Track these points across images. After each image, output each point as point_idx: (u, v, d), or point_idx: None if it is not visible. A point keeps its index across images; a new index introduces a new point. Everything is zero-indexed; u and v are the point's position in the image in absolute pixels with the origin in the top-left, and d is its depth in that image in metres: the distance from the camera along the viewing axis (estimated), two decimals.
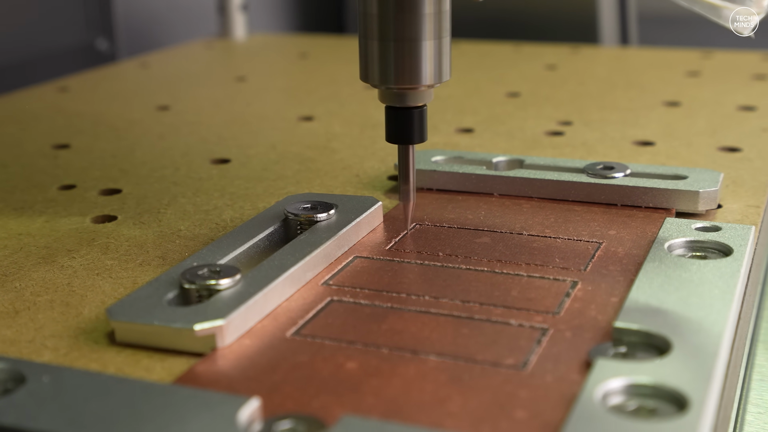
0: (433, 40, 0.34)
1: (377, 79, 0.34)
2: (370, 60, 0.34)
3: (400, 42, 0.33)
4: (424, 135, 0.36)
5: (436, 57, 0.34)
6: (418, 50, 0.34)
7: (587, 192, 0.40)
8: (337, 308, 0.31)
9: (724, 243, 0.33)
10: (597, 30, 1.04)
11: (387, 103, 0.35)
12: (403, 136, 0.36)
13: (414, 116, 0.35)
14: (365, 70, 0.35)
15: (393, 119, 0.35)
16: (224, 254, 0.33)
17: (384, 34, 0.33)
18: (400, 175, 0.37)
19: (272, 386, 0.26)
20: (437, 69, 0.34)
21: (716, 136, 0.51)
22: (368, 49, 0.34)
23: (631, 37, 1.12)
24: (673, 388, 0.24)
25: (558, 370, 0.26)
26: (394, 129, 0.36)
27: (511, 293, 0.31)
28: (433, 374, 0.26)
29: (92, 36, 0.83)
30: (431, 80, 0.34)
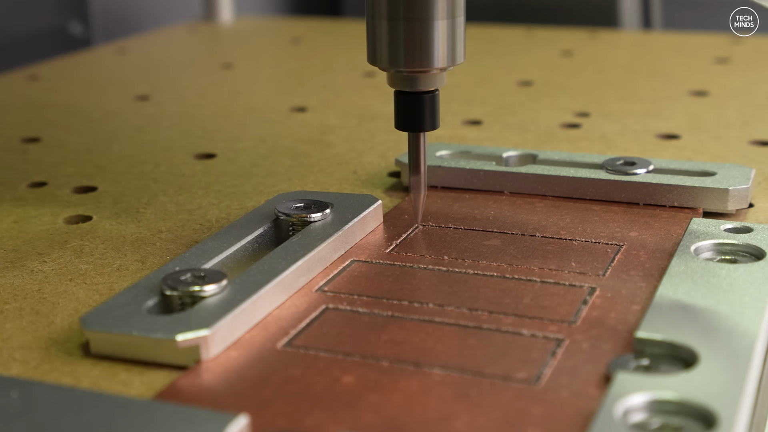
0: (445, 20, 0.34)
1: (386, 61, 0.34)
2: (379, 41, 0.34)
3: (410, 22, 0.33)
4: (436, 122, 0.36)
5: (449, 38, 0.34)
6: (430, 30, 0.34)
7: (606, 190, 0.40)
8: (333, 317, 0.31)
9: (757, 246, 0.33)
10: (617, 12, 1.04)
11: (396, 87, 0.35)
12: (413, 123, 0.36)
13: (425, 102, 0.35)
14: (373, 52, 0.35)
15: (403, 105, 0.36)
16: (209, 258, 0.33)
17: (393, 13, 0.34)
18: (411, 164, 0.37)
19: (262, 402, 0.26)
20: (450, 51, 0.34)
21: (747, 129, 0.51)
22: (376, 29, 0.34)
23: (655, 20, 1.12)
24: (700, 404, 0.24)
25: (574, 385, 0.26)
26: (404, 115, 0.36)
27: (523, 300, 0.31)
28: (437, 389, 0.26)
29: (65, 19, 0.83)
30: (444, 63, 0.34)
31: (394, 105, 0.36)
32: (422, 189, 0.37)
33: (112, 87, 0.65)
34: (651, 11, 1.14)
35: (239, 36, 0.86)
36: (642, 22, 1.13)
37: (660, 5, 1.14)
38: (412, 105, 0.35)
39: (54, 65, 0.72)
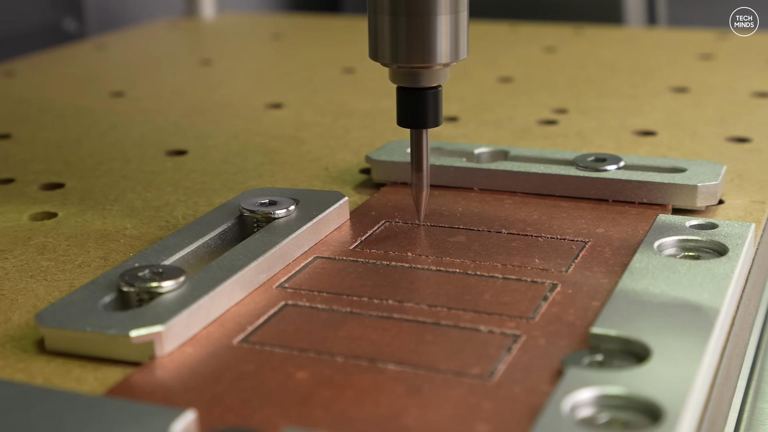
0: (448, 15, 0.34)
1: (388, 57, 0.35)
2: (381, 36, 0.34)
3: (412, 16, 0.34)
4: (439, 118, 0.36)
5: (452, 33, 0.34)
6: (433, 25, 0.34)
7: (576, 186, 0.41)
8: (292, 313, 0.31)
9: (720, 242, 0.34)
10: (622, 9, 1.04)
11: (398, 83, 0.36)
12: (416, 119, 0.36)
13: (428, 98, 0.35)
14: (375, 47, 0.35)
15: (405, 101, 0.36)
16: (170, 254, 0.34)
17: (395, 7, 0.34)
18: (413, 162, 0.37)
19: (213, 398, 0.26)
20: (453, 46, 0.34)
21: (725, 125, 0.52)
22: (378, 24, 0.34)
23: (660, 16, 1.12)
24: (648, 398, 0.24)
25: (527, 381, 0.27)
26: (406, 112, 0.36)
27: (483, 297, 0.32)
28: (390, 385, 0.27)
29: (59, 15, 0.83)
30: (447, 58, 0.34)
31: (397, 101, 0.36)
32: (424, 187, 0.37)
33: (89, 83, 0.66)
34: (656, 8, 1.14)
35: (220, 32, 0.86)
36: (647, 19, 1.13)
37: (665, 2, 1.15)
38: (414, 101, 0.35)
39: (31, 61, 0.72)
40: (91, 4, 0.87)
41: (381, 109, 0.57)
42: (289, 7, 1.14)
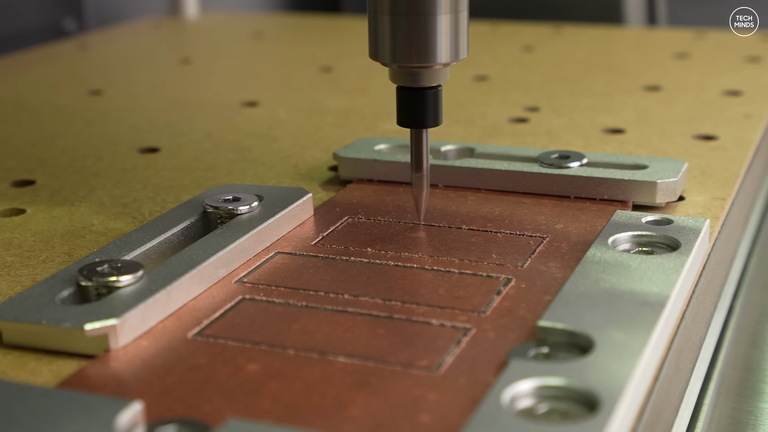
0: (448, 14, 0.34)
1: (388, 56, 0.35)
2: (381, 36, 0.35)
3: (412, 16, 0.34)
4: (439, 118, 0.36)
5: (452, 32, 0.34)
6: (433, 25, 0.34)
7: (538, 183, 0.41)
8: (248, 307, 0.31)
9: (673, 237, 0.34)
10: (622, 9, 1.05)
11: (398, 83, 0.35)
12: (416, 119, 0.36)
13: (428, 97, 0.35)
14: (375, 46, 0.35)
15: (405, 101, 0.36)
16: (131, 249, 0.34)
17: (395, 7, 0.34)
18: (412, 162, 0.37)
19: (163, 389, 0.27)
20: (453, 46, 0.34)
21: (693, 123, 0.52)
22: (378, 23, 0.34)
23: (660, 16, 1.13)
24: (585, 389, 0.24)
25: (473, 372, 0.27)
26: (406, 111, 0.36)
27: (438, 291, 0.32)
28: (338, 377, 0.27)
29: (59, 15, 0.83)
30: (447, 58, 0.34)
31: (397, 101, 0.36)
32: (424, 187, 0.37)
33: (67, 82, 0.66)
34: (656, 8, 1.15)
35: (203, 31, 0.87)
36: (647, 19, 1.14)
37: (665, 2, 1.15)
38: (414, 101, 0.35)
39: (11, 60, 0.73)
40: (90, 4, 0.88)
41: (355, 107, 0.57)
42: (289, 7, 1.14)
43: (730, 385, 0.41)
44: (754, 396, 0.39)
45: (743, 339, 0.44)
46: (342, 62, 0.71)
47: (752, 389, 0.40)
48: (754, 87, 0.60)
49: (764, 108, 0.55)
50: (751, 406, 0.38)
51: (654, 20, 1.15)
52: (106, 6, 0.91)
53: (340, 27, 0.89)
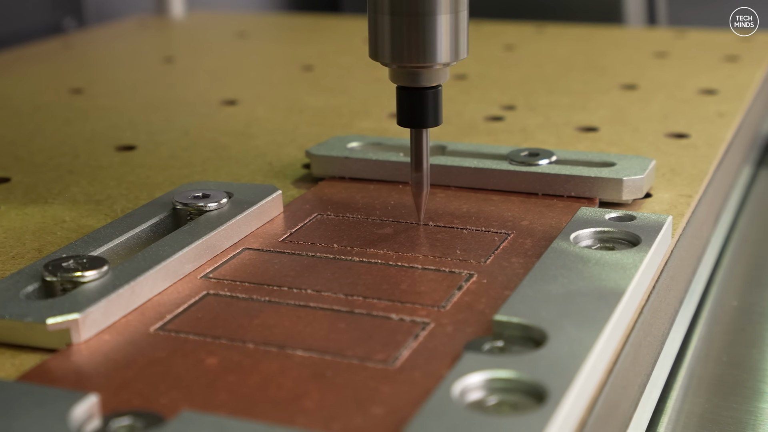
0: (449, 14, 0.34)
1: (388, 56, 0.35)
2: (381, 36, 0.35)
3: (413, 16, 0.34)
4: (439, 118, 0.36)
5: (452, 33, 0.34)
6: (433, 25, 0.34)
7: (507, 180, 0.41)
8: (212, 302, 0.32)
9: (634, 233, 0.34)
10: (622, 9, 1.05)
11: (399, 83, 0.35)
12: (416, 119, 0.36)
13: (428, 97, 0.35)
14: (375, 47, 0.35)
15: (406, 101, 0.36)
16: (99, 245, 0.34)
17: (395, 7, 0.34)
18: (412, 162, 0.37)
19: (122, 383, 0.27)
20: (453, 46, 0.34)
21: (666, 122, 0.53)
22: (378, 24, 0.35)
23: (660, 17, 1.13)
24: (534, 381, 0.25)
25: (429, 366, 0.27)
26: (406, 111, 0.36)
27: (400, 287, 0.33)
28: (296, 370, 0.27)
29: (59, 15, 0.84)
30: (447, 58, 0.34)
31: (397, 101, 0.36)
32: (424, 187, 0.37)
33: (50, 81, 0.66)
34: (656, 8, 1.15)
35: (187, 30, 0.87)
36: (647, 19, 1.14)
37: (665, 2, 1.15)
38: (414, 101, 0.35)
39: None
40: (90, 4, 0.88)
41: (333, 105, 0.58)
42: (289, 6, 1.14)
43: (703, 381, 0.41)
44: (754, 396, 0.39)
45: (742, 339, 0.44)
46: (323, 61, 0.71)
47: (752, 389, 0.40)
48: (730, 86, 0.60)
49: (738, 106, 0.55)
50: (751, 406, 0.39)
51: (654, 20, 1.15)
52: (106, 6, 0.92)
53: (325, 26, 0.89)
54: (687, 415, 0.39)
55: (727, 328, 0.46)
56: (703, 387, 0.41)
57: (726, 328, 0.46)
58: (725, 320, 0.47)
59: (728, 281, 0.51)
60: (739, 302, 0.48)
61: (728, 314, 0.48)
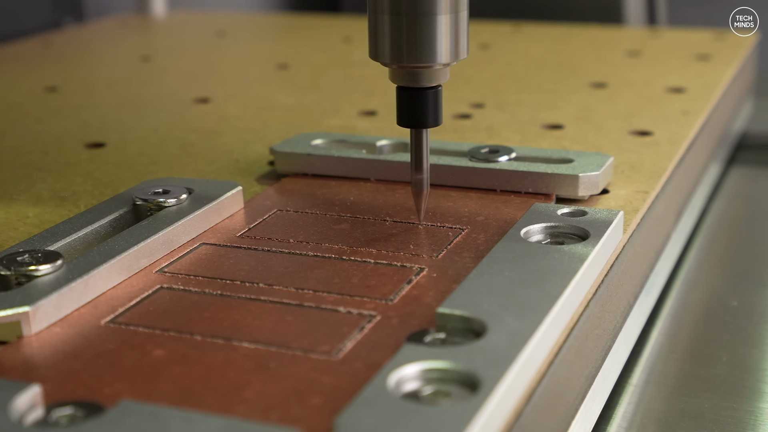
0: (449, 14, 0.34)
1: (388, 56, 0.35)
2: (381, 36, 0.35)
3: (413, 16, 0.34)
4: (439, 118, 0.36)
5: (453, 33, 0.34)
6: (433, 25, 0.34)
7: (466, 177, 0.42)
8: (164, 296, 0.32)
9: (583, 228, 0.35)
10: (622, 9, 1.05)
11: (399, 83, 0.35)
12: (416, 119, 0.36)
13: (428, 97, 0.35)
14: (375, 47, 0.35)
15: (406, 101, 0.36)
16: (57, 240, 0.35)
17: (395, 7, 0.34)
18: (412, 162, 0.37)
19: (68, 374, 0.27)
20: (453, 46, 0.35)
21: (631, 120, 0.53)
22: (378, 23, 0.35)
23: (660, 16, 1.13)
24: (467, 371, 0.25)
25: (371, 357, 0.28)
26: (406, 111, 0.36)
27: (351, 281, 0.33)
28: (240, 361, 0.28)
29: (59, 15, 0.84)
30: (447, 58, 0.35)
31: (397, 101, 0.36)
32: (424, 187, 0.37)
33: (25, 79, 0.67)
34: (656, 8, 1.15)
35: (167, 29, 0.87)
36: (647, 19, 1.14)
37: (665, 2, 1.15)
38: (415, 101, 0.35)
39: None
40: (91, 4, 0.88)
41: (304, 103, 0.58)
42: (290, 6, 1.15)
43: (666, 376, 0.42)
44: (754, 396, 0.40)
45: (741, 339, 0.45)
46: (299, 60, 0.72)
47: (752, 389, 0.40)
48: (697, 84, 0.61)
49: (704, 104, 0.56)
50: (751, 406, 0.39)
51: (654, 20, 1.15)
52: (106, 5, 0.92)
53: (304, 26, 0.89)
54: (646, 410, 0.40)
55: (692, 324, 0.47)
56: (666, 382, 0.41)
57: (691, 325, 0.47)
58: (690, 316, 0.48)
59: (694, 278, 0.51)
60: (739, 302, 0.48)
61: (693, 310, 0.48)
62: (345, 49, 0.77)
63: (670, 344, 0.45)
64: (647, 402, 0.40)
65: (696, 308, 0.48)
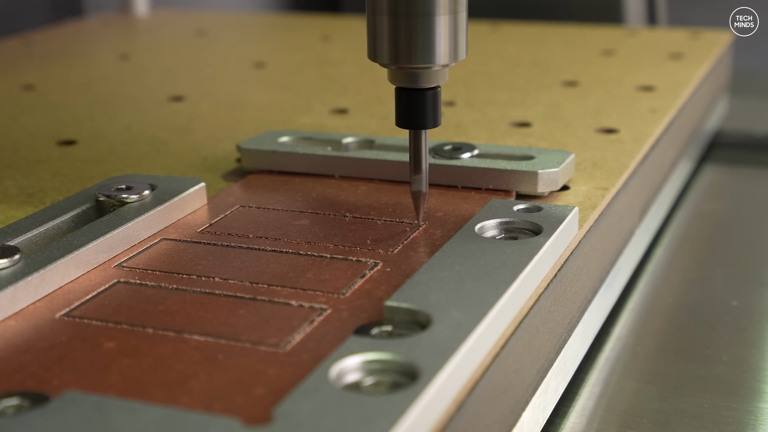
0: (447, 15, 0.34)
1: (386, 57, 0.35)
2: (379, 37, 0.34)
3: (412, 17, 0.34)
4: (438, 119, 0.36)
5: (451, 33, 0.34)
6: (432, 26, 0.34)
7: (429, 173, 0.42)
8: (120, 290, 0.33)
9: (537, 223, 0.35)
10: (622, 9, 1.05)
11: (398, 84, 0.35)
12: (415, 120, 0.36)
13: (427, 98, 0.35)
14: (373, 48, 0.35)
15: (404, 102, 0.36)
16: (17, 235, 0.35)
17: (394, 7, 0.34)
18: (411, 163, 0.37)
19: (19, 366, 0.28)
20: (452, 47, 0.35)
21: (599, 117, 0.53)
22: (377, 24, 0.34)
23: (660, 16, 1.14)
24: (407, 362, 0.26)
25: (318, 350, 0.28)
26: (405, 112, 0.36)
27: (305, 275, 0.33)
28: (188, 353, 0.28)
29: (59, 15, 0.85)
30: (446, 59, 0.35)
31: (395, 102, 0.36)
32: (423, 188, 0.37)
33: (1, 77, 0.67)
34: (656, 8, 1.16)
35: (148, 29, 0.88)
36: (647, 19, 1.15)
37: (665, 2, 1.16)
38: (413, 102, 0.35)
39: None
40: (91, 4, 0.89)
41: (277, 101, 0.59)
42: (289, 6, 1.15)
43: (630, 371, 0.42)
44: (754, 396, 0.40)
45: (742, 339, 0.45)
46: (276, 58, 0.72)
47: (752, 389, 0.40)
48: (668, 83, 0.61)
49: (672, 102, 0.56)
50: (751, 406, 0.39)
51: (654, 20, 1.15)
52: (106, 5, 0.92)
53: (285, 25, 0.90)
54: (608, 403, 0.40)
55: (661, 320, 0.47)
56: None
57: (659, 321, 0.47)
58: (658, 312, 0.48)
59: (663, 274, 0.52)
60: (739, 302, 0.49)
61: (661, 307, 0.49)
62: (322, 47, 0.77)
63: (637, 339, 0.45)
64: (609, 396, 0.40)
65: (663, 304, 0.49)
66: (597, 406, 0.39)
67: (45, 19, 0.84)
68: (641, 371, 0.42)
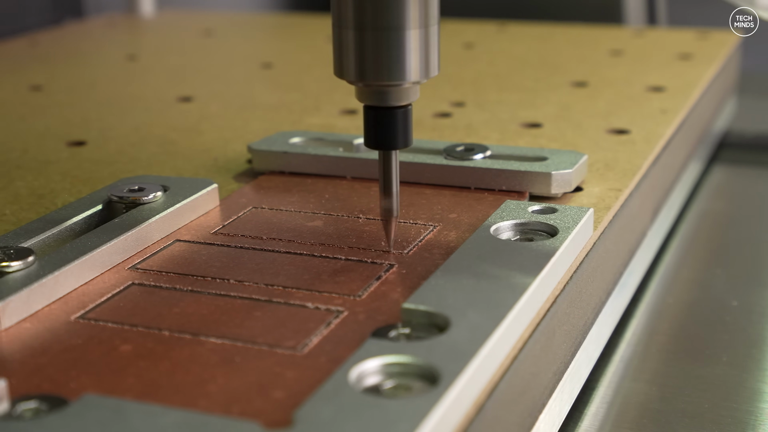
0: (418, 29, 0.32)
1: (353, 74, 0.32)
2: (345, 52, 0.32)
3: (379, 31, 0.32)
4: (409, 138, 0.34)
5: (422, 49, 0.32)
6: (402, 41, 0.32)
7: (440, 174, 0.42)
8: (135, 292, 0.32)
9: (552, 225, 0.35)
10: (622, 9, 1.05)
11: (365, 102, 0.33)
12: (384, 140, 0.33)
13: (397, 117, 0.33)
14: (339, 63, 0.33)
15: (372, 121, 0.33)
16: (30, 237, 0.35)
17: (360, 21, 0.32)
18: (381, 186, 0.34)
19: (35, 368, 0.28)
20: (423, 63, 0.32)
21: (610, 118, 0.53)
22: (342, 39, 0.32)
23: (660, 16, 1.13)
24: (427, 365, 0.25)
25: (335, 352, 0.28)
26: (373, 132, 0.33)
27: (320, 277, 0.33)
28: (205, 356, 0.28)
29: (60, 15, 0.84)
30: (417, 76, 0.32)
31: (364, 121, 0.34)
32: (394, 211, 0.34)
33: (10, 78, 0.67)
34: (656, 8, 1.15)
35: (155, 29, 0.87)
36: (647, 19, 1.14)
37: (665, 2, 1.15)
38: (382, 121, 0.33)
39: None
40: (91, 4, 0.89)
41: (285, 102, 0.58)
42: (296, 7, 1.15)
43: (642, 372, 0.42)
44: (754, 396, 0.40)
45: (742, 339, 0.45)
46: (283, 59, 0.72)
47: (752, 389, 0.40)
48: (678, 83, 0.61)
49: (683, 103, 0.56)
50: (751, 406, 0.39)
51: (654, 20, 1.15)
52: (106, 5, 0.92)
53: (290, 25, 0.90)
54: (621, 405, 0.40)
55: (672, 321, 0.47)
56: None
57: (668, 321, 0.47)
58: (668, 314, 0.48)
59: (672, 275, 0.52)
60: (739, 302, 0.48)
61: (670, 308, 0.49)
62: (329, 47, 0.77)
63: (648, 341, 0.45)
64: (622, 399, 0.40)
65: (675, 305, 0.49)
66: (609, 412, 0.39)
67: (45, 19, 0.84)
68: (641, 371, 0.42)
